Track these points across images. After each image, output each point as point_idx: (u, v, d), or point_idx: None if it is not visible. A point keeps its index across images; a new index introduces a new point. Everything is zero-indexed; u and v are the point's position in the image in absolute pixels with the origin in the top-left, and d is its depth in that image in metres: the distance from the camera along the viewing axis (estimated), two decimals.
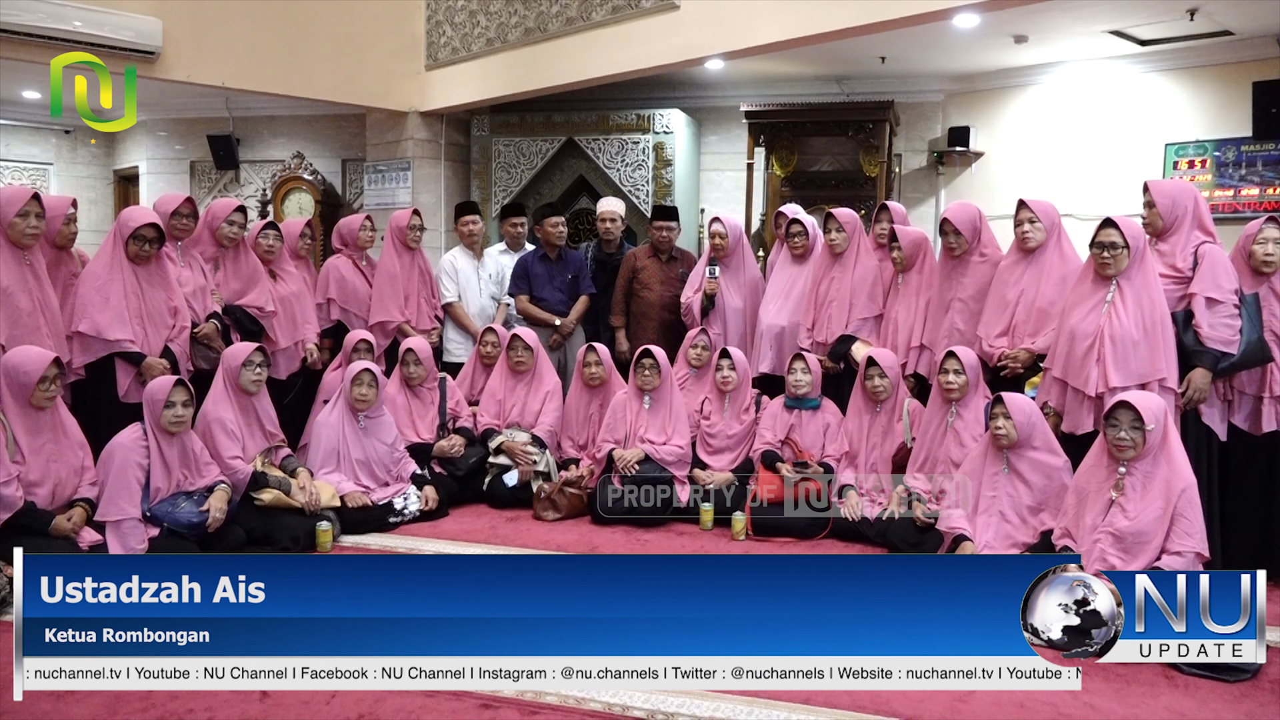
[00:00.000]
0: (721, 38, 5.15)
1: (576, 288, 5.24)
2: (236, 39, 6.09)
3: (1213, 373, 3.29)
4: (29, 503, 3.25)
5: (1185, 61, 5.93)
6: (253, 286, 4.36)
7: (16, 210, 3.49)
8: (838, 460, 4.16)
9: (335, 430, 4.16)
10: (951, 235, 3.94)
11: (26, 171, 8.78)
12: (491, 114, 7.01)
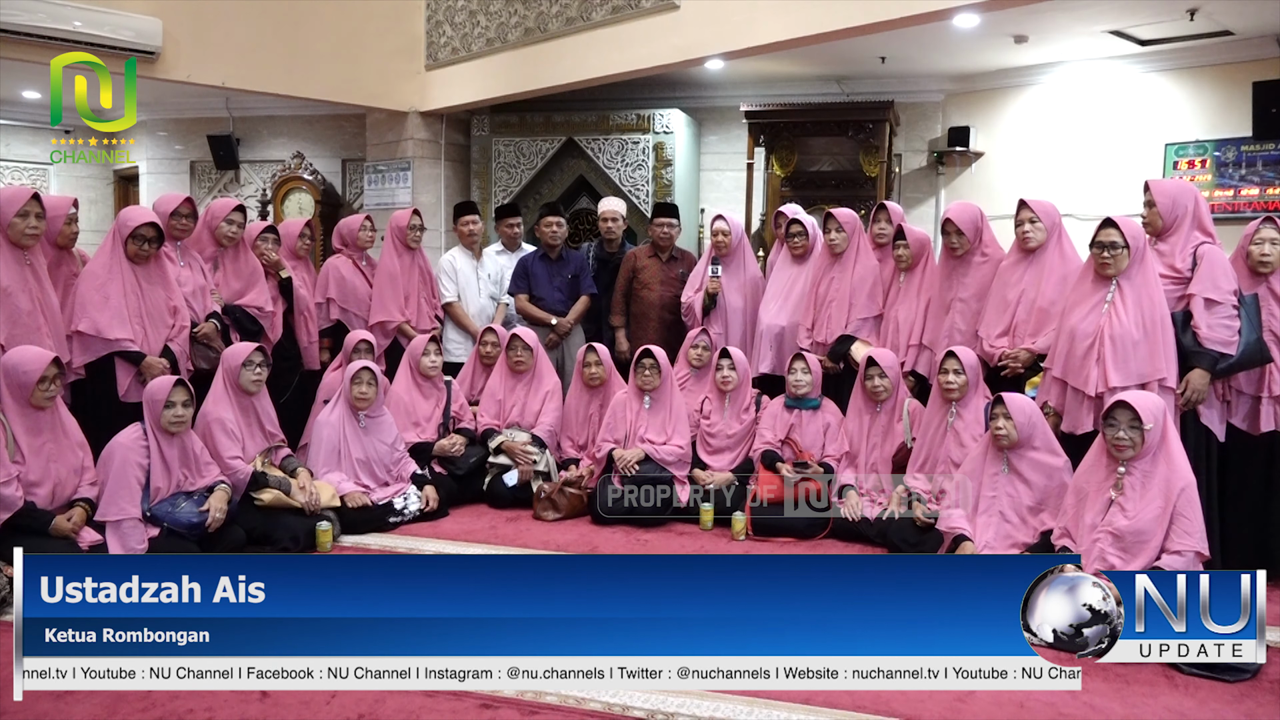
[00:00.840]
0: (721, 38, 5.15)
1: (577, 287, 5.24)
2: (236, 39, 6.09)
3: (1211, 373, 3.29)
4: (29, 503, 3.25)
5: (1185, 61, 5.93)
6: (252, 286, 4.36)
7: (16, 210, 3.49)
8: (838, 460, 4.16)
9: (335, 430, 4.16)
10: (954, 235, 3.94)
11: (26, 171, 8.78)
12: (491, 114, 7.01)
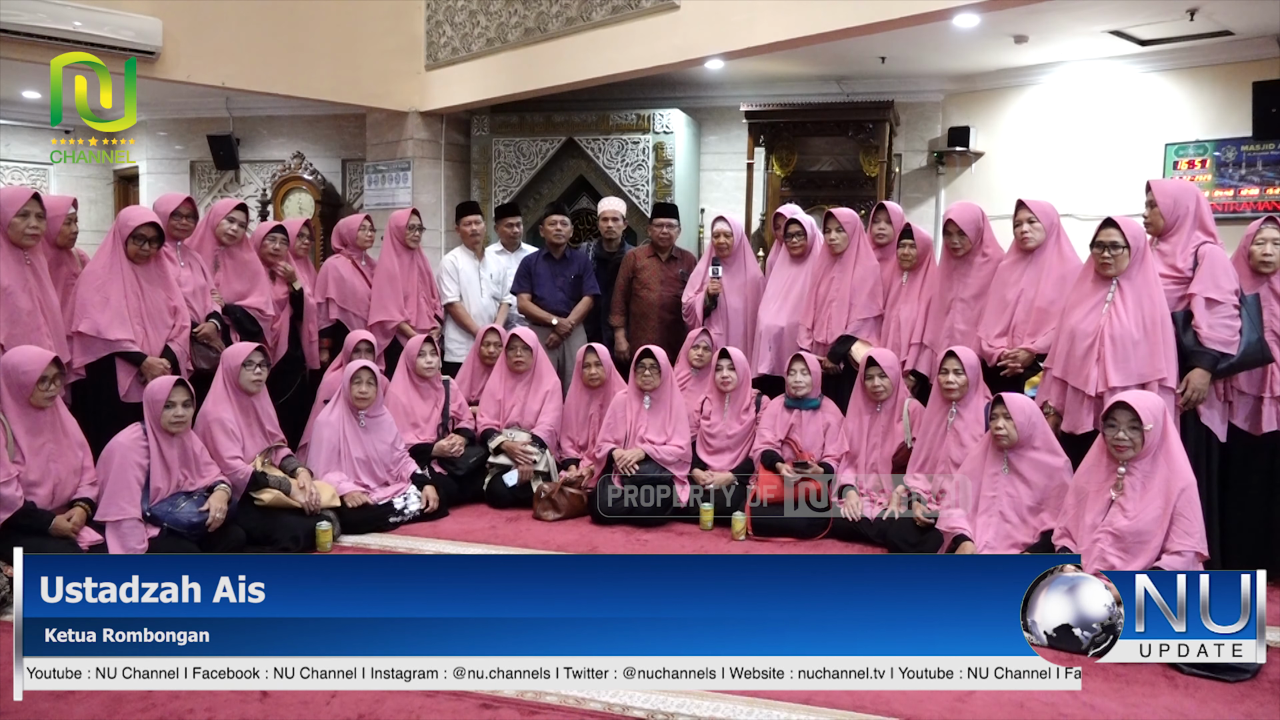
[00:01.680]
0: (721, 38, 5.15)
1: (579, 288, 5.24)
2: (236, 39, 6.09)
3: (1211, 373, 3.29)
4: (29, 503, 3.25)
5: (1185, 61, 5.93)
6: (253, 287, 4.35)
7: (17, 210, 3.49)
8: (838, 460, 4.15)
9: (335, 430, 4.16)
10: (955, 235, 3.94)
11: (26, 171, 8.78)
12: (491, 114, 7.00)
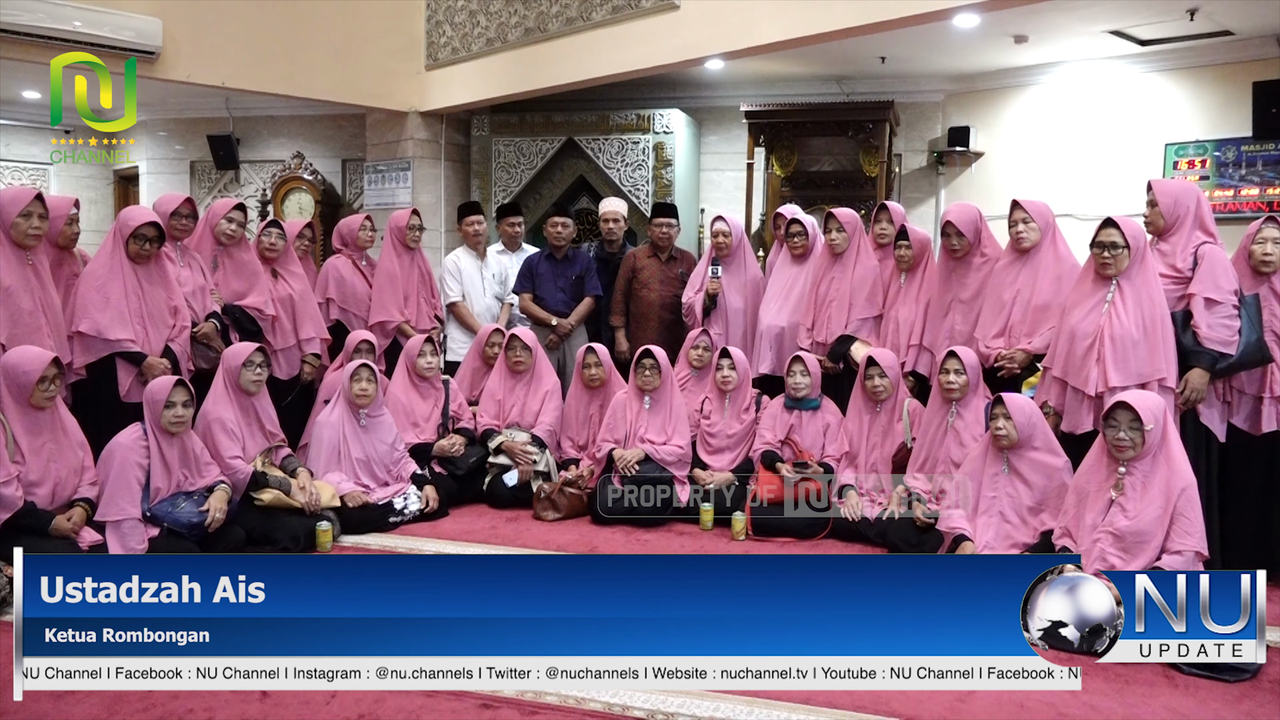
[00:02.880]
0: (721, 38, 5.15)
1: (581, 288, 5.24)
2: (236, 39, 6.09)
3: (1210, 373, 3.29)
4: (29, 503, 3.25)
5: (1185, 61, 5.93)
6: (253, 287, 4.34)
7: (19, 210, 3.48)
8: (838, 460, 4.15)
9: (335, 429, 4.16)
10: (954, 237, 3.93)
11: (26, 171, 8.78)
12: (491, 114, 7.00)
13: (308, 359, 4.58)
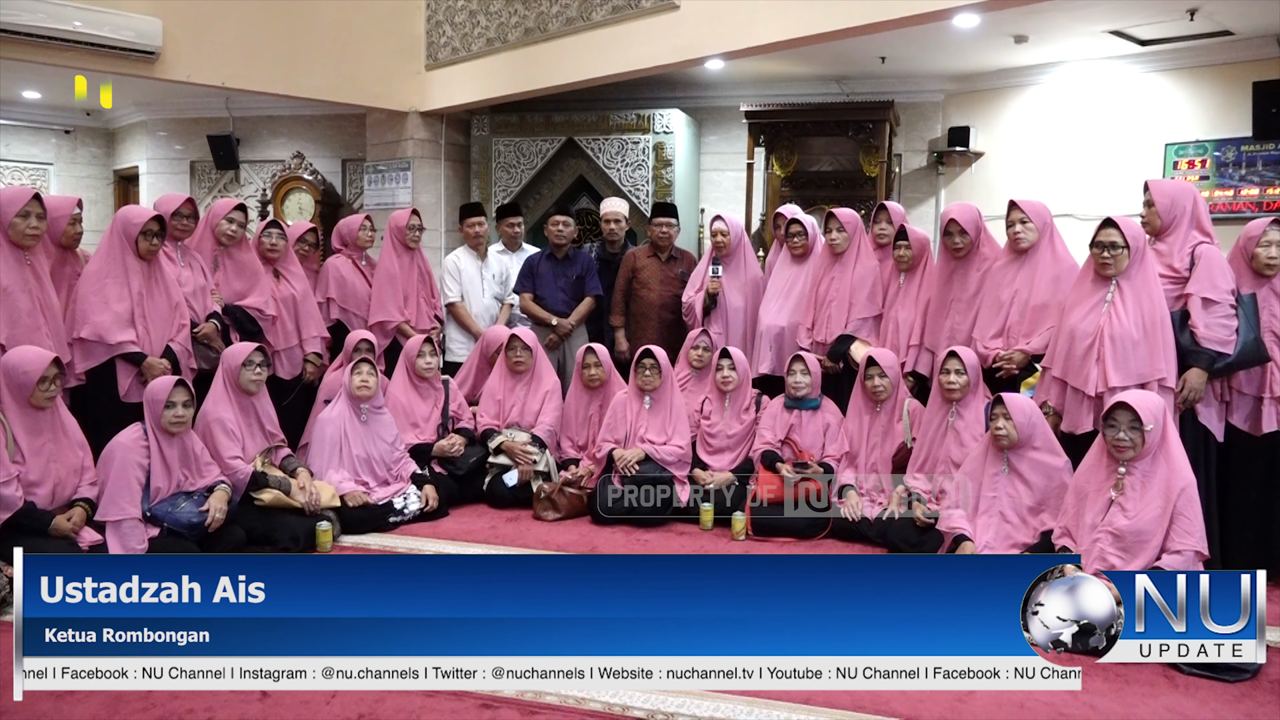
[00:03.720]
0: (721, 38, 5.15)
1: (581, 288, 5.24)
2: (236, 39, 6.09)
3: (1208, 373, 3.29)
4: (29, 503, 3.25)
5: (1185, 61, 5.93)
6: (253, 287, 4.35)
7: (17, 210, 3.48)
8: (838, 460, 4.15)
9: (337, 426, 4.16)
10: (957, 235, 3.93)
11: (26, 171, 8.78)
12: (491, 114, 7.00)
13: (309, 358, 4.58)
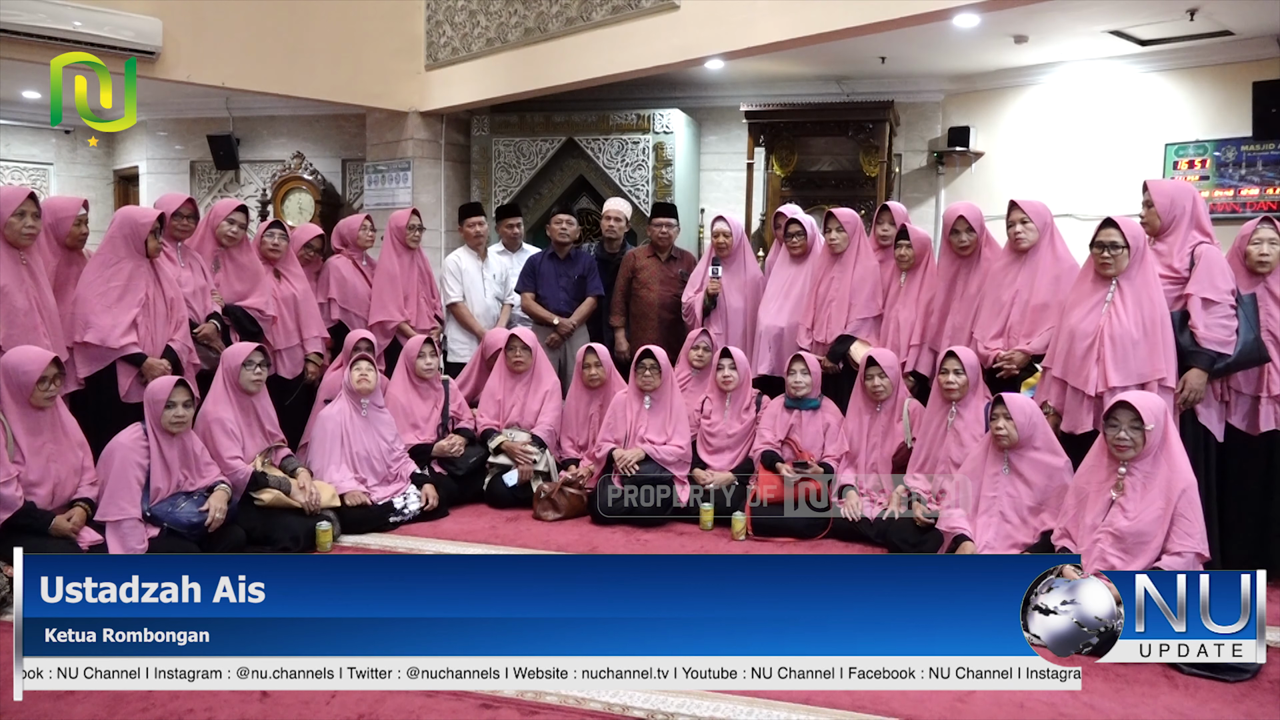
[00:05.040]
0: (721, 38, 5.15)
1: (583, 288, 5.24)
2: (236, 39, 6.09)
3: (1209, 373, 3.29)
4: (29, 503, 3.24)
5: (1185, 61, 5.93)
6: (254, 288, 4.35)
7: (13, 210, 3.48)
8: (838, 460, 4.15)
9: (337, 423, 4.16)
10: (964, 232, 3.94)
11: (26, 171, 8.78)
12: (491, 114, 7.01)
13: (310, 358, 4.58)
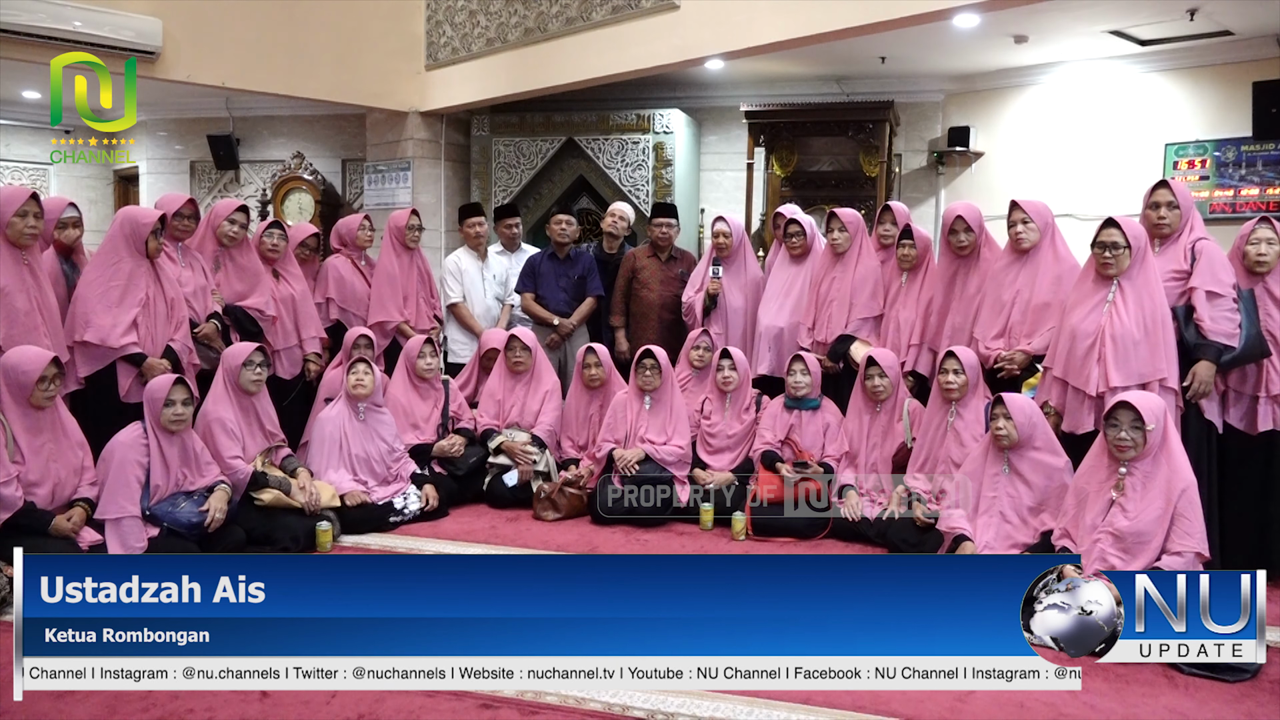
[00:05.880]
0: (721, 38, 5.16)
1: (583, 288, 5.24)
2: (236, 39, 6.09)
3: (1216, 365, 3.29)
4: (29, 503, 3.25)
5: (1185, 61, 5.93)
6: (254, 288, 4.35)
7: (15, 210, 3.48)
8: (838, 460, 4.15)
9: (336, 425, 4.16)
10: (963, 232, 3.94)
11: (26, 171, 8.78)
12: (491, 114, 7.01)
13: (309, 358, 4.58)
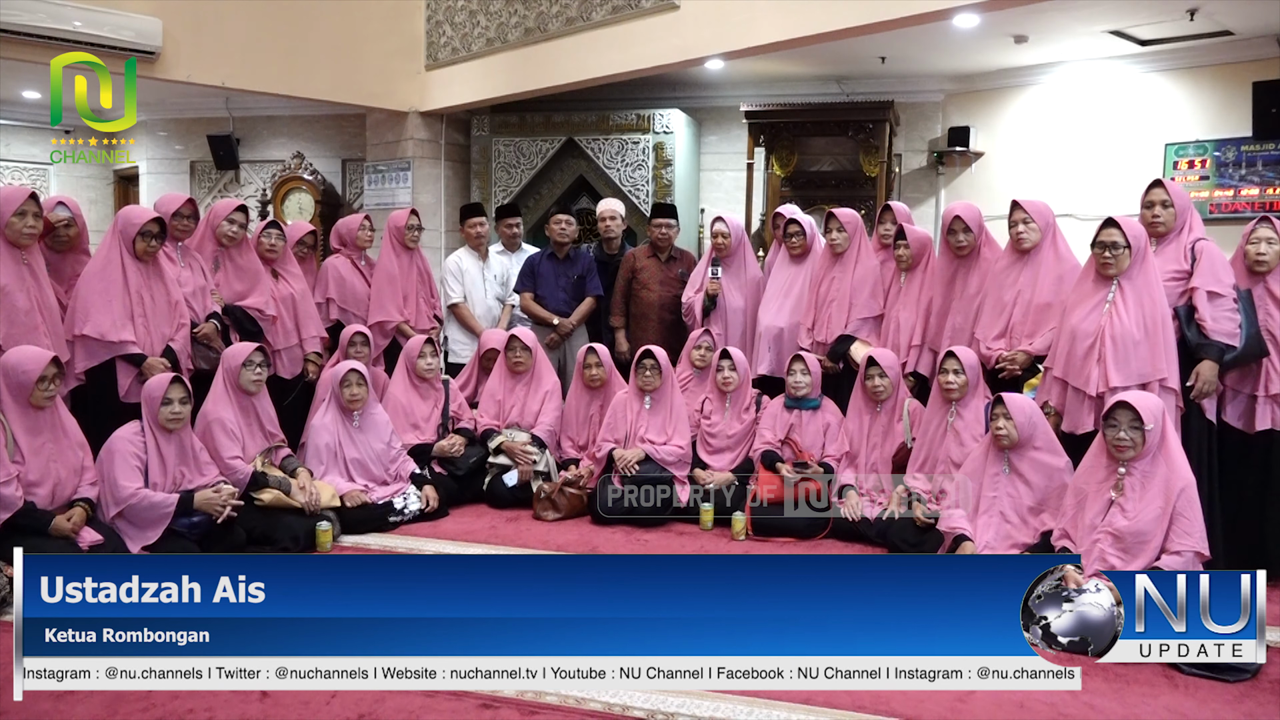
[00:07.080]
0: (721, 38, 5.16)
1: (582, 288, 5.24)
2: (236, 39, 6.09)
3: (1219, 364, 3.30)
4: (28, 503, 3.24)
5: (1185, 61, 5.93)
6: (254, 288, 4.34)
7: (14, 209, 3.48)
8: (838, 460, 4.15)
9: (330, 432, 4.15)
10: (961, 233, 3.94)
11: (26, 171, 8.78)
12: (491, 114, 7.01)
13: (310, 358, 4.58)
